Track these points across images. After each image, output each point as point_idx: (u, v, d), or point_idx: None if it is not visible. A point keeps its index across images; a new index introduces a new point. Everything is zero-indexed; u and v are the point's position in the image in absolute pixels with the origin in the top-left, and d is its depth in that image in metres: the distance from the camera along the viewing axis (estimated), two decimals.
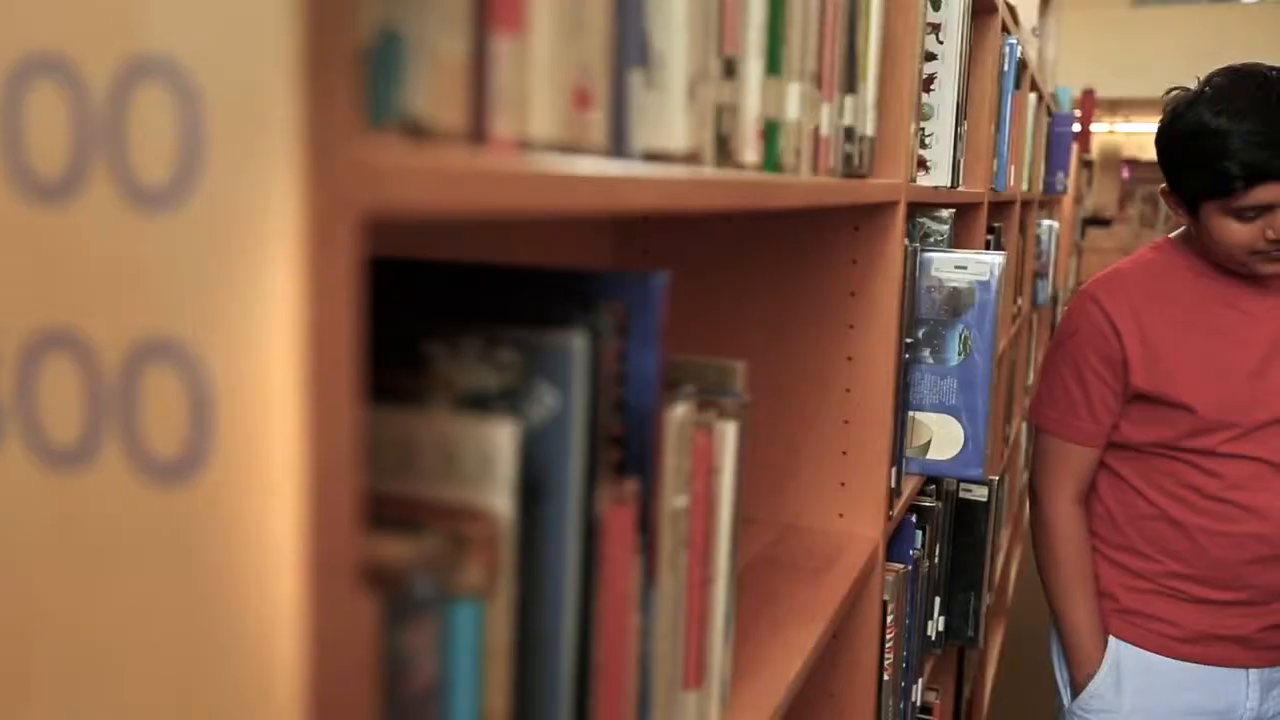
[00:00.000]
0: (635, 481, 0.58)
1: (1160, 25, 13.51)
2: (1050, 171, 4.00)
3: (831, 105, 0.92)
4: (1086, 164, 8.09)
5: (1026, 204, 3.40)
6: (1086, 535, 1.71)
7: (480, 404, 0.51)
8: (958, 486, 1.94)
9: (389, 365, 0.53)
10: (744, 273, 1.31)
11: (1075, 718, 1.72)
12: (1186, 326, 1.60)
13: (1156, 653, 1.65)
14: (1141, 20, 14.02)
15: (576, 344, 0.50)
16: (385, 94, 0.39)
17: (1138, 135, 16.85)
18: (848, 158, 0.98)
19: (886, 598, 1.49)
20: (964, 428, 1.57)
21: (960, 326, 1.56)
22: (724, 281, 1.32)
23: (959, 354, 1.56)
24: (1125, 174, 16.66)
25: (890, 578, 1.50)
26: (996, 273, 1.55)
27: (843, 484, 1.29)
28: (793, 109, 0.81)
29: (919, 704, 1.70)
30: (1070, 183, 6.72)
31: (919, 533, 1.64)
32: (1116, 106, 16.15)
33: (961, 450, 1.57)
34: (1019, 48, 2.34)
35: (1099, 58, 13.53)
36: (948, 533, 1.90)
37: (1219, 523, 1.59)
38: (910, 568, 1.57)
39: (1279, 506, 1.57)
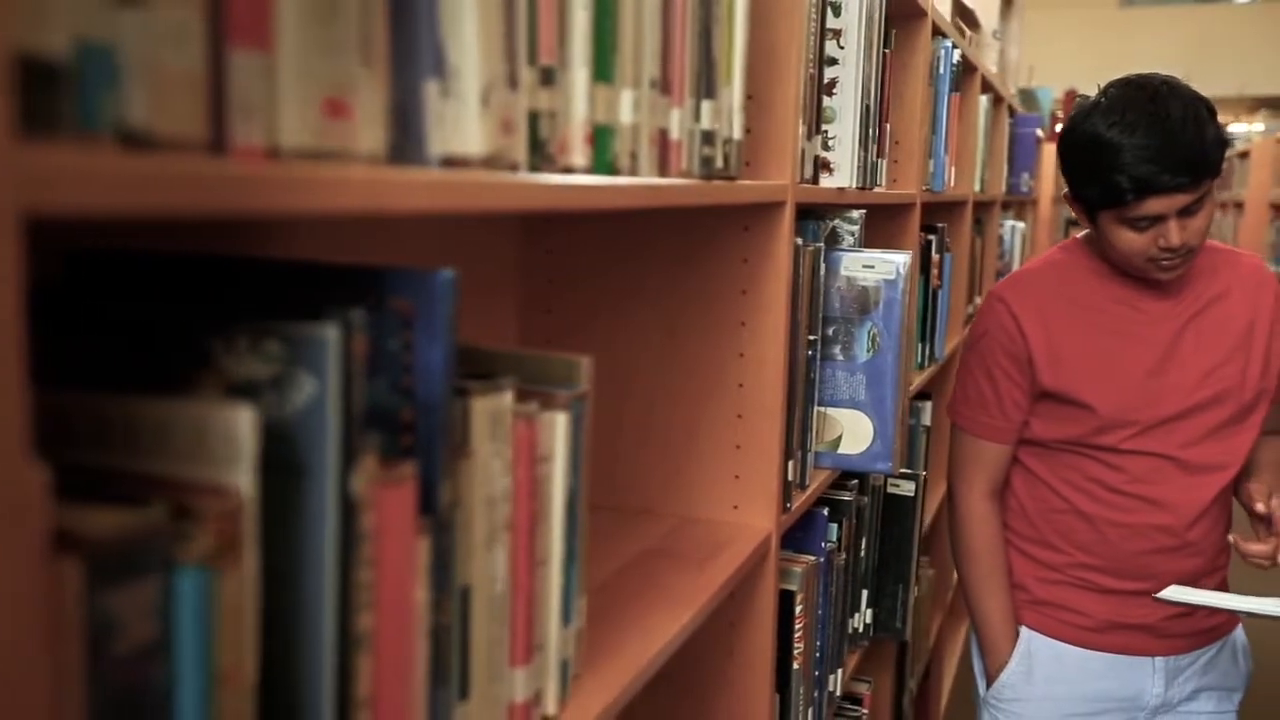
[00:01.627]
0: (413, 464, 0.61)
1: (1148, 25, 13.55)
2: (1014, 173, 4.04)
3: (683, 110, 0.96)
4: None
5: (985, 205, 3.44)
6: (1000, 530, 1.74)
7: (250, 392, 0.55)
8: (885, 482, 1.98)
9: (179, 358, 0.57)
10: (644, 270, 1.35)
11: (990, 707, 1.75)
12: (1089, 327, 1.64)
13: (1067, 642, 1.69)
14: (1130, 20, 14.04)
15: (330, 336, 0.54)
16: (95, 104, 0.43)
17: None
18: (706, 160, 1.02)
19: (794, 588, 1.53)
20: (873, 423, 1.61)
21: (869, 324, 1.60)
22: (625, 279, 1.36)
23: (868, 351, 1.60)
24: None
25: (798, 569, 1.54)
26: (903, 271, 1.59)
27: (737, 477, 1.33)
28: (626, 114, 0.85)
29: (838, 692, 1.74)
30: (1048, 183, 6.74)
31: (834, 526, 1.68)
32: None
33: (871, 445, 1.61)
34: (955, 51, 2.38)
35: (1088, 58, 13.53)
36: (875, 527, 1.94)
37: (1124, 515, 1.63)
38: (823, 560, 1.61)
39: (1179, 498, 1.61)
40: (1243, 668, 1.75)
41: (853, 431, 1.61)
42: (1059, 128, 8.17)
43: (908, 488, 1.99)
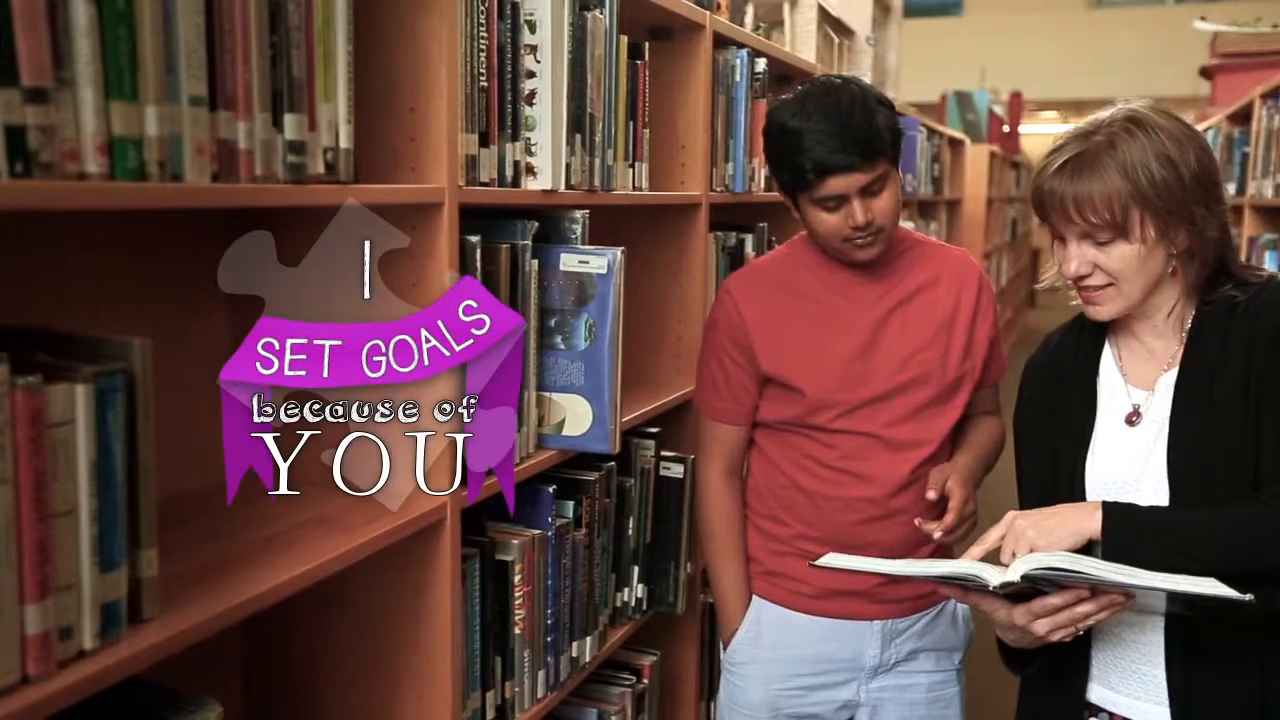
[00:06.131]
0: None
1: (1120, 26, 13.61)
2: None
3: (251, 123, 1.09)
4: (1014, 165, 8.22)
5: None
6: (736, 507, 1.87)
7: None
8: (656, 465, 2.10)
9: None
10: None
11: (726, 669, 1.88)
12: (803, 315, 1.77)
13: (792, 609, 1.81)
14: (1099, 21, 14.10)
15: None
16: None
17: None
18: (295, 167, 1.15)
19: (510, 558, 1.66)
20: (592, 407, 1.74)
21: (585, 315, 1.73)
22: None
23: (585, 340, 1.73)
24: None
25: (515, 541, 1.67)
26: (614, 266, 1.72)
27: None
28: (152, 127, 0.98)
29: (585, 659, 1.86)
30: (977, 185, 6.86)
31: (571, 503, 1.81)
32: (1082, 107, 16.29)
33: (590, 427, 1.74)
34: (759, 60, 2.50)
35: (1057, 59, 13.61)
36: (643, 507, 2.06)
37: (835, 489, 1.76)
38: (550, 534, 1.74)
39: (883, 472, 1.73)
40: (962, 631, 1.87)
41: (574, 415, 1.74)
42: (1005, 129, 8.24)
43: (677, 470, 2.11)
